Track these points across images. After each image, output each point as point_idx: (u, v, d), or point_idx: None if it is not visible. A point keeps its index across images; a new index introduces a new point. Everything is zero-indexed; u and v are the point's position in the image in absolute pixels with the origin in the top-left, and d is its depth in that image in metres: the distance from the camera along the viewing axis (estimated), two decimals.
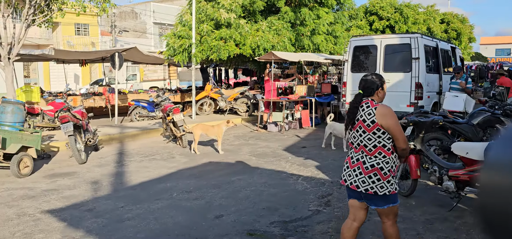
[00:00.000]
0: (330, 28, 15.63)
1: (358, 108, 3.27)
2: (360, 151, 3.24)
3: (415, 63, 9.89)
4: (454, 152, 4.86)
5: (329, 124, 9.18)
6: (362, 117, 3.22)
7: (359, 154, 3.24)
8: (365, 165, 3.19)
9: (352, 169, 3.26)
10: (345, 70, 11.07)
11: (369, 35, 10.89)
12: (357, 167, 3.22)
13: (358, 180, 3.21)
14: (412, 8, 27.38)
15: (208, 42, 13.07)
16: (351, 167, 3.29)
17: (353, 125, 3.28)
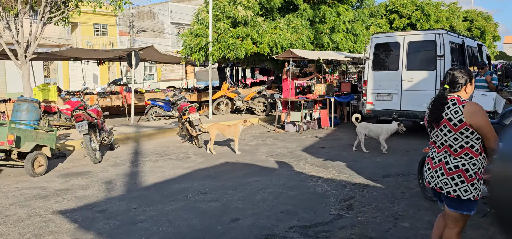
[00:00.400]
0: (350, 26, 15.24)
1: (443, 105, 3.00)
2: (444, 151, 3.02)
3: (440, 61, 9.47)
4: None
5: (361, 125, 8.69)
6: (448, 115, 2.97)
7: (442, 154, 3.03)
8: (448, 166, 2.99)
9: (434, 170, 3.08)
10: (366, 68, 10.70)
11: (391, 32, 10.53)
12: (439, 168, 3.03)
13: (441, 181, 3.02)
14: (434, 5, 26.70)
15: (225, 41, 12.86)
16: (432, 168, 3.10)
17: (437, 123, 3.03)
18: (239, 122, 8.49)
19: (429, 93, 9.64)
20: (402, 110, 10.09)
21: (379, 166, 7.19)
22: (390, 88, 10.28)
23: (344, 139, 10.15)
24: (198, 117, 9.10)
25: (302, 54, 11.85)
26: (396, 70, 10.18)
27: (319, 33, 14.56)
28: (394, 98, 10.25)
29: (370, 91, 10.66)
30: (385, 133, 8.38)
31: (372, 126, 8.60)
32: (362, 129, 8.60)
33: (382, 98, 10.45)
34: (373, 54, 10.57)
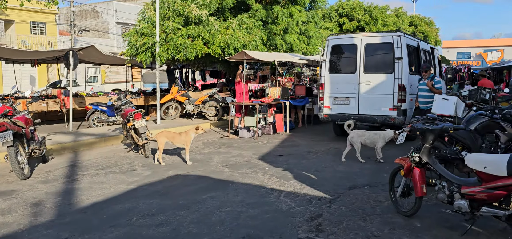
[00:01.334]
0: (303, 28, 14.92)
1: None
2: None
3: (398, 64, 9.26)
4: (469, 165, 4.11)
5: (356, 132, 7.94)
6: None
7: None
8: None
9: None
10: (323, 71, 10.32)
11: (348, 33, 10.23)
12: None
13: None
14: (381, 10, 27.27)
15: (173, 41, 12.01)
16: None
17: None
18: (191, 129, 7.73)
19: (387, 97, 9.44)
20: (360, 115, 9.80)
21: (342, 176, 6.74)
22: (348, 92, 9.96)
23: (302, 145, 9.68)
24: (145, 124, 8.23)
25: (256, 55, 11.28)
26: (353, 73, 9.87)
27: (272, 34, 14.09)
28: (351, 102, 9.94)
29: (327, 95, 10.29)
30: (382, 140, 7.77)
31: (368, 133, 7.93)
32: (358, 137, 7.90)
33: (340, 102, 10.11)
34: (329, 56, 10.21)
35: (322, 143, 9.93)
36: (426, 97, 8.82)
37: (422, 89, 8.93)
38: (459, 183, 4.27)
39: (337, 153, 8.71)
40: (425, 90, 8.86)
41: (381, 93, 9.50)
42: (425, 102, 8.76)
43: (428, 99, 8.68)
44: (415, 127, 4.43)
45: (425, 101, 8.82)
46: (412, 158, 4.51)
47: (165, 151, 8.36)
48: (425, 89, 8.86)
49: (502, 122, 6.13)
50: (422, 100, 8.90)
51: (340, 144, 9.78)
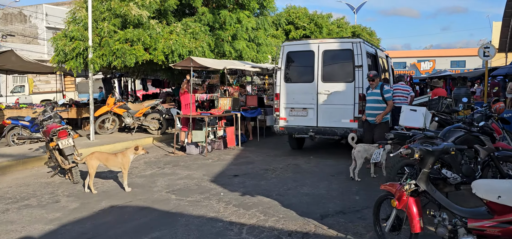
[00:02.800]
0: (253, 34, 14.06)
1: None
2: None
3: (358, 72, 8.62)
4: (478, 194, 3.35)
5: (362, 146, 7.05)
6: None
7: None
8: None
9: None
10: (278, 80, 9.46)
11: (305, 39, 9.49)
12: None
13: None
14: (325, 19, 27.27)
15: (109, 45, 10.60)
16: None
17: None
18: (129, 149, 6.48)
19: (347, 108, 8.77)
20: (319, 127, 9.04)
21: (310, 200, 5.84)
22: (305, 102, 9.18)
23: (257, 162, 8.72)
24: (72, 144, 6.83)
25: (205, 62, 10.19)
26: (311, 82, 9.11)
27: (220, 40, 13.08)
28: (309, 113, 9.16)
29: (282, 106, 9.44)
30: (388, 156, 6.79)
31: (374, 148, 6.95)
32: (364, 151, 6.97)
33: (297, 113, 9.30)
34: (285, 64, 9.38)
35: (279, 159, 9.04)
36: (374, 109, 7.74)
37: (370, 100, 7.81)
38: (465, 215, 3.50)
39: (297, 170, 7.85)
40: (373, 101, 7.77)
41: (341, 103, 8.82)
42: (374, 115, 7.72)
43: (377, 112, 7.68)
44: (414, 147, 3.60)
45: (374, 114, 7.74)
46: (407, 186, 3.68)
47: (98, 173, 7.04)
48: (373, 100, 7.76)
49: (481, 136, 5.57)
50: (371, 113, 7.79)
51: (298, 159, 8.96)
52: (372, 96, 7.79)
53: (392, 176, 5.26)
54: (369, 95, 7.88)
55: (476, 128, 5.70)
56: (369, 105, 7.85)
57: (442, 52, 62.87)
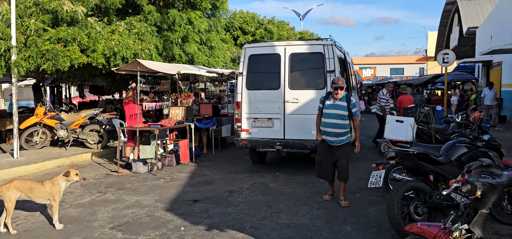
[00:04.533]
0: (205, 37, 12.87)
1: None
2: None
3: (330, 78, 7.75)
4: None
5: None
6: None
7: None
8: None
9: None
10: (239, 86, 8.37)
11: (270, 41, 8.47)
12: None
13: None
14: (275, 24, 26.66)
15: (37, 46, 8.93)
16: None
17: None
18: (58, 176, 5.05)
19: None
20: (286, 140, 8.05)
21: (294, 234, 4.79)
22: (271, 112, 8.17)
23: (218, 181, 7.56)
24: None
25: (154, 66, 8.85)
26: (277, 89, 8.12)
27: (169, 42, 11.75)
28: (276, 124, 8.15)
29: (245, 116, 8.36)
30: None
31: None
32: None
33: (261, 124, 8.25)
34: (247, 69, 8.32)
35: (241, 177, 7.94)
36: (337, 126, 5.87)
37: (331, 115, 5.90)
38: None
39: (266, 191, 6.79)
40: (335, 116, 5.87)
41: (311, 113, 7.86)
42: (336, 133, 5.89)
43: (340, 129, 5.88)
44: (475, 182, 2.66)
45: (336, 133, 5.88)
46: (456, 233, 2.73)
47: (20, 203, 5.53)
48: (335, 115, 5.87)
49: (490, 152, 4.86)
50: (332, 131, 5.89)
51: (263, 176, 7.91)
52: (334, 110, 5.90)
53: (395, 205, 4.34)
54: (328, 108, 5.94)
55: (481, 142, 5.00)
56: (329, 122, 5.91)
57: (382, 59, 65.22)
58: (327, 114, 5.98)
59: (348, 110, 5.89)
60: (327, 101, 6.01)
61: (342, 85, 5.86)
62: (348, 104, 5.90)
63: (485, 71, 22.75)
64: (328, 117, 5.95)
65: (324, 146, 6.05)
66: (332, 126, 5.92)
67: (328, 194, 6.28)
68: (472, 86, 23.84)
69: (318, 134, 6.12)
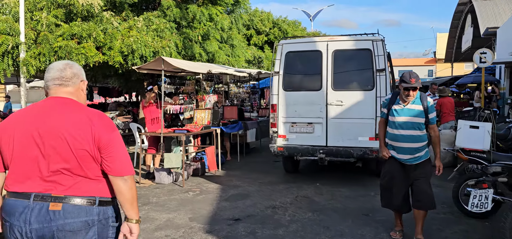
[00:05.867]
0: (226, 35, 12.00)
1: None
2: None
3: (379, 78, 6.88)
4: None
5: None
6: None
7: None
8: None
9: None
10: (275, 87, 7.49)
11: (309, 37, 7.60)
12: None
13: None
14: (289, 24, 25.83)
15: (49, 42, 8.08)
16: None
17: None
18: None
19: (366, 122, 6.98)
20: (329, 147, 7.16)
21: None
22: (311, 116, 7.28)
23: (254, 194, 6.68)
24: None
25: (180, 65, 7.98)
26: (318, 90, 7.24)
27: (188, 40, 10.88)
28: (317, 129, 7.27)
29: (281, 120, 7.47)
30: None
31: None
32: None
33: (300, 129, 7.37)
34: (283, 68, 7.43)
35: (279, 189, 7.04)
36: (412, 140, 4.35)
37: (403, 124, 4.36)
38: None
39: (314, 206, 5.91)
40: (409, 125, 4.35)
41: (358, 117, 7.02)
42: (411, 149, 4.37)
43: (418, 144, 4.36)
44: None
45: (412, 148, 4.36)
46: None
47: None
48: (409, 124, 4.35)
49: None
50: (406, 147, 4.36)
51: (303, 188, 7.02)
52: (408, 117, 4.36)
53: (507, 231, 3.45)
54: (398, 115, 4.40)
55: None
56: (401, 134, 4.38)
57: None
58: (396, 123, 4.40)
59: (425, 117, 4.36)
60: (395, 106, 4.44)
61: (415, 84, 4.23)
62: (425, 109, 4.35)
63: (508, 73, 21.82)
64: (399, 128, 4.39)
65: (394, 165, 4.48)
66: (405, 139, 4.36)
67: (397, 230, 4.69)
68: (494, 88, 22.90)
69: (384, 149, 4.57)
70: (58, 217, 1.99)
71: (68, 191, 2.02)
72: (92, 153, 2.03)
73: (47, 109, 2.08)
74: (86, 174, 2.05)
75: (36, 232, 1.99)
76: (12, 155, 2.04)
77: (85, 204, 2.03)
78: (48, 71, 2.17)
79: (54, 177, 2.02)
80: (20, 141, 2.03)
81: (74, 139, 2.00)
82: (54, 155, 2.01)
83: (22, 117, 2.09)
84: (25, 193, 2.01)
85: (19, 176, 2.04)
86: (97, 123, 2.06)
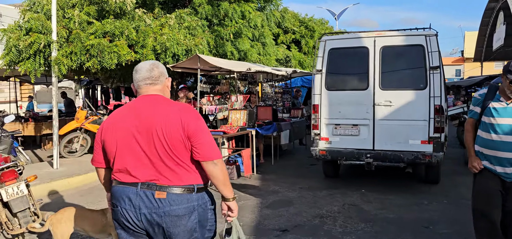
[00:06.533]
0: (258, 32, 11.59)
1: None
2: None
3: (433, 76, 6.33)
4: None
5: None
6: None
7: None
8: None
9: None
10: (317, 86, 7.02)
11: (354, 33, 7.09)
12: None
13: None
14: (316, 22, 25.24)
15: (81, 40, 7.83)
16: None
17: None
18: None
19: (418, 124, 6.44)
20: (376, 150, 6.65)
21: None
22: (357, 117, 6.79)
23: (296, 201, 6.24)
24: (24, 192, 4.08)
25: (218, 63, 7.63)
26: (364, 89, 6.74)
27: (220, 38, 10.51)
28: (363, 131, 6.77)
29: (324, 122, 7.00)
30: None
31: None
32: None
33: (344, 131, 6.88)
34: (326, 65, 6.96)
35: (322, 195, 6.57)
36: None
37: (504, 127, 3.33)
38: None
39: (365, 216, 5.43)
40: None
41: (409, 119, 6.49)
42: None
43: None
44: None
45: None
46: None
47: None
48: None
49: None
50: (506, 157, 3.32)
51: (348, 194, 6.54)
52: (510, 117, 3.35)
53: None
54: (499, 115, 3.36)
55: None
56: (503, 140, 3.33)
57: None
58: (496, 126, 3.36)
59: None
60: (494, 103, 3.39)
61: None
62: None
63: None
64: (500, 133, 3.34)
65: (490, 181, 3.43)
66: (509, 147, 3.31)
67: None
68: None
69: (475, 158, 3.51)
70: (165, 204, 2.20)
71: (170, 180, 2.22)
72: (184, 142, 2.20)
73: (142, 107, 2.27)
74: (182, 163, 2.22)
75: (145, 216, 2.22)
76: (115, 152, 2.25)
77: (185, 192, 2.23)
78: (137, 72, 2.34)
79: (157, 168, 2.21)
80: (122, 139, 2.24)
81: (169, 131, 2.18)
82: (153, 149, 2.20)
83: (121, 116, 2.30)
84: (132, 183, 2.24)
85: (126, 169, 2.24)
86: (185, 113, 2.23)
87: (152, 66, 2.36)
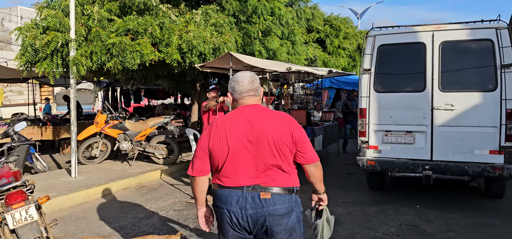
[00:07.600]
0: (287, 30, 10.78)
1: None
2: None
3: (505, 75, 5.45)
4: None
5: None
6: None
7: None
8: None
9: None
10: (364, 88, 6.19)
11: (408, 27, 6.24)
12: None
13: None
14: (341, 21, 24.30)
15: (102, 39, 7.17)
16: None
17: None
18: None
19: (486, 131, 5.57)
20: (435, 161, 5.79)
21: None
22: (411, 123, 5.95)
23: (344, 217, 5.43)
24: (35, 218, 3.38)
25: (253, 62, 6.87)
26: (420, 90, 5.89)
27: (248, 37, 9.75)
28: (418, 139, 5.92)
29: (372, 128, 6.17)
30: None
31: None
32: None
33: (396, 139, 6.04)
34: (375, 64, 6.13)
35: (371, 212, 5.74)
36: None
37: None
38: None
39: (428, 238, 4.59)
40: None
41: (475, 125, 5.62)
42: None
43: None
44: None
45: None
46: None
47: None
48: None
49: None
50: None
51: (401, 211, 5.70)
52: None
53: None
54: None
55: None
56: None
57: None
58: None
59: None
60: None
61: None
62: None
63: None
64: None
65: None
66: None
67: None
68: None
69: None
70: (269, 204, 2.36)
71: (274, 182, 2.37)
72: (291, 148, 2.39)
73: (251, 116, 2.40)
74: (284, 167, 2.38)
75: (251, 216, 2.38)
76: (226, 158, 2.36)
77: (287, 193, 2.40)
78: (239, 84, 2.45)
79: (262, 172, 2.36)
80: (235, 144, 2.35)
81: (279, 138, 2.35)
82: (261, 155, 2.35)
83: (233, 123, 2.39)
84: (238, 186, 2.38)
85: (234, 174, 2.38)
86: (292, 123, 2.43)
87: (252, 78, 2.48)
